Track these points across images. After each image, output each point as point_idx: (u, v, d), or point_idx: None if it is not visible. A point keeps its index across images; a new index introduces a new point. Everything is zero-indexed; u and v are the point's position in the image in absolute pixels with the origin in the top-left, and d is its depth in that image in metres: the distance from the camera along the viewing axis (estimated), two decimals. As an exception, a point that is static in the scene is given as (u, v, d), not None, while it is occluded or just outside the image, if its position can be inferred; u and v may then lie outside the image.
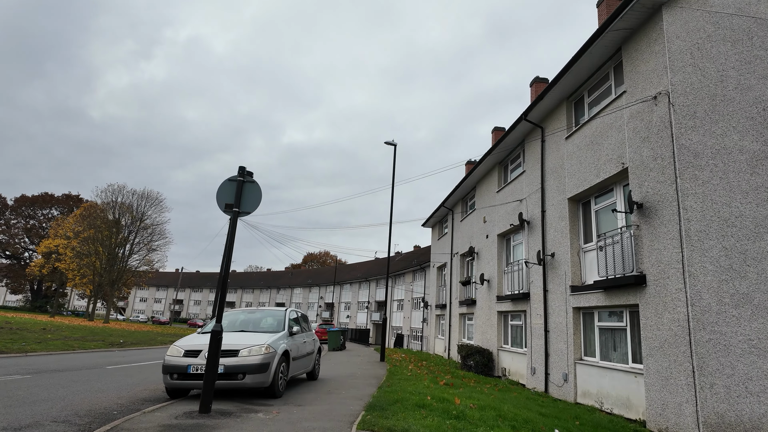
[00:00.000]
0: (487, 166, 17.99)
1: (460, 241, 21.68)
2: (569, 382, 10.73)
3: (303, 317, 10.06)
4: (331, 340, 23.73)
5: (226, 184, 6.56)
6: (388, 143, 18.42)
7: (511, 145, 15.85)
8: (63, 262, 40.52)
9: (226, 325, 8.31)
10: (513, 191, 15.41)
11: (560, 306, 11.47)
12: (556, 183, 12.29)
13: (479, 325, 17.71)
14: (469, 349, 16.23)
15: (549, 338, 11.91)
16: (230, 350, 6.87)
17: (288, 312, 8.82)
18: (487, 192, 18.15)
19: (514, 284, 14.35)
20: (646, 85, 8.89)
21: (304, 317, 10.15)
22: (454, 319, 21.74)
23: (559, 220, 11.96)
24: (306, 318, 10.32)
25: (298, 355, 8.48)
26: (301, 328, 9.23)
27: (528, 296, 13.38)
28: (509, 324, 15.31)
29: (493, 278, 16.55)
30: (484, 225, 18.09)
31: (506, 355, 15.07)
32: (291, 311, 9.13)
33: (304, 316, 10.19)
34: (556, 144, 12.57)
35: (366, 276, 57.98)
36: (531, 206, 13.78)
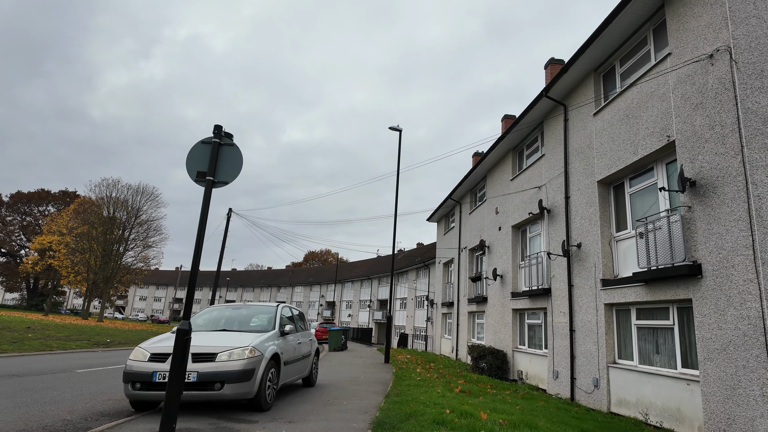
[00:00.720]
0: (500, 153, 16.70)
1: (469, 234, 20.38)
2: (601, 389, 9.44)
3: (299, 315, 8.81)
4: (332, 339, 22.48)
5: (198, 147, 5.28)
6: (393, 129, 17.15)
7: (528, 128, 14.55)
8: (56, 259, 39.38)
9: (204, 323, 7.05)
10: (530, 178, 14.11)
11: (589, 302, 10.18)
12: (583, 165, 10.99)
13: (491, 324, 16.42)
14: (481, 351, 14.95)
15: (575, 338, 10.63)
16: (205, 354, 5.61)
17: (280, 308, 7.55)
18: (500, 180, 16.85)
19: (531, 279, 13.06)
20: (699, 43, 7.60)
21: (300, 315, 8.89)
22: (462, 317, 20.45)
23: (586, 207, 10.67)
24: (302, 316, 9.06)
25: (292, 359, 7.22)
26: (296, 327, 7.97)
27: (549, 292, 12.10)
28: (525, 323, 14.02)
29: (507, 273, 15.27)
30: (497, 216, 16.79)
31: (523, 356, 13.79)
32: (284, 307, 7.87)
33: (300, 314, 8.93)
34: (581, 122, 11.28)
35: (368, 274, 56.72)
36: (552, 193, 12.49)
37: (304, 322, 9.04)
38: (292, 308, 8.44)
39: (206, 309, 7.59)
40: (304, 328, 8.83)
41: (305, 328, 8.88)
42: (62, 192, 62.58)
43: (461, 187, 21.07)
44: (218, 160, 5.18)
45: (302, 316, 8.99)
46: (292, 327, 7.38)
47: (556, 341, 11.48)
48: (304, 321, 9.00)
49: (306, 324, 9.10)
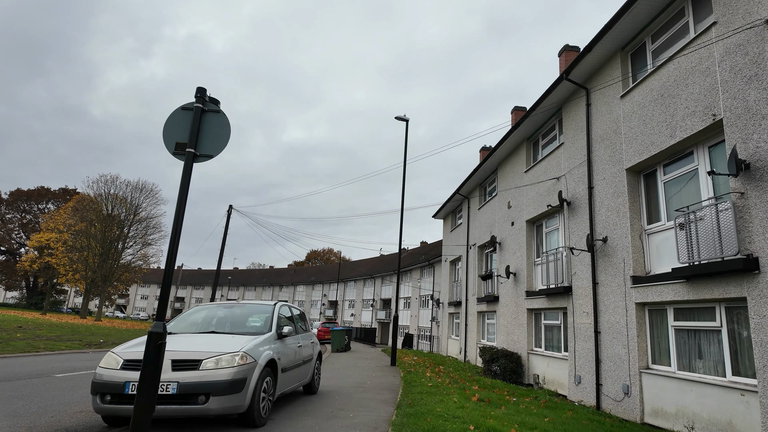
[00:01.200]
0: (513, 144, 15.80)
1: (478, 231, 19.49)
2: (632, 396, 8.55)
3: (300, 315, 7.95)
4: (335, 340, 21.63)
5: (177, 114, 4.43)
6: (399, 118, 16.28)
7: (544, 116, 13.65)
8: (54, 257, 38.66)
9: (191, 325, 6.20)
10: (547, 169, 13.21)
11: (617, 301, 9.30)
12: (609, 152, 10.10)
13: (503, 324, 15.54)
14: (494, 353, 14.06)
15: (601, 341, 9.74)
16: (188, 360, 4.76)
17: (278, 308, 6.70)
18: (513, 173, 15.96)
19: (549, 277, 12.17)
20: (751, 8, 6.70)
21: (301, 315, 8.03)
22: (471, 317, 19.57)
23: (613, 197, 9.78)
24: (303, 316, 8.20)
25: (291, 365, 6.36)
26: (296, 328, 7.12)
27: (569, 291, 11.21)
28: (542, 324, 13.13)
29: (521, 271, 14.38)
30: (509, 211, 15.90)
31: (539, 359, 12.90)
32: (282, 306, 7.02)
33: (301, 314, 8.07)
34: (606, 106, 10.38)
35: (371, 273, 55.85)
36: (573, 184, 11.60)
37: (305, 322, 8.18)
38: (292, 307, 7.59)
39: (194, 308, 6.74)
40: (305, 329, 7.97)
41: (306, 329, 8.02)
42: (62, 189, 61.93)
43: (470, 181, 20.18)
44: (201, 129, 4.33)
45: (303, 316, 8.14)
46: (292, 328, 6.52)
47: (578, 344, 10.59)
48: (305, 321, 8.14)
49: (307, 325, 8.24)
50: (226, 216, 34.28)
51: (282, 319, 6.60)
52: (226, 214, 34.20)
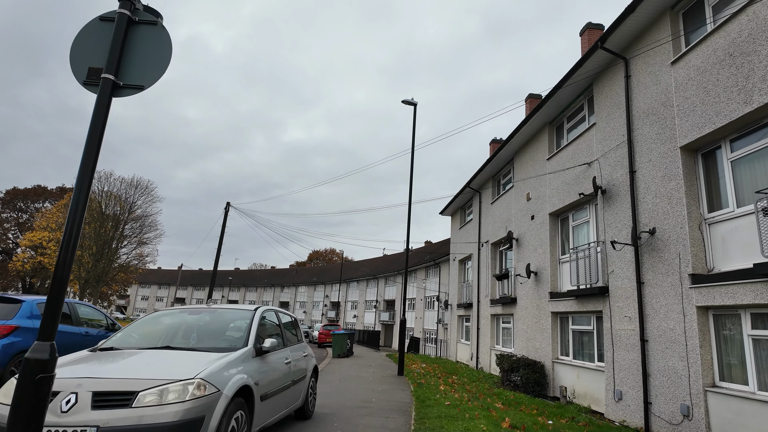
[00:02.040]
0: (532, 130, 14.29)
1: (492, 227, 17.99)
2: (695, 420, 7.04)
3: (291, 323, 6.47)
4: (336, 344, 20.16)
5: (94, 27, 2.96)
6: (407, 102, 14.80)
7: (570, 96, 12.15)
8: (47, 256, 37.38)
9: (142, 338, 4.73)
10: (575, 154, 11.71)
11: (670, 304, 7.79)
12: (656, 129, 8.59)
13: (523, 329, 14.03)
14: (514, 362, 12.56)
15: (649, 351, 8.23)
16: (117, 393, 3.31)
17: (259, 313, 5.20)
18: (532, 162, 14.45)
19: (579, 276, 10.66)
20: None
21: (292, 323, 6.54)
22: (483, 321, 18.06)
23: (663, 182, 8.27)
24: (295, 323, 6.72)
25: (276, 389, 4.89)
26: (283, 339, 5.65)
27: (605, 292, 9.70)
28: (569, 329, 11.62)
29: (544, 270, 12.87)
30: (528, 203, 14.40)
31: (567, 370, 11.39)
32: (266, 311, 5.54)
33: (293, 322, 6.58)
34: (652, 76, 8.87)
35: (374, 273, 54.37)
36: (608, 168, 10.09)
37: (298, 330, 6.70)
38: (280, 312, 6.10)
39: (151, 314, 5.27)
40: (298, 339, 6.50)
41: (299, 338, 6.55)
42: (59, 188, 60.64)
43: (481, 173, 18.68)
44: (127, 48, 2.86)
45: (295, 323, 6.66)
46: (277, 341, 5.05)
47: (619, 353, 9.08)
48: (297, 329, 6.66)
49: (300, 333, 6.77)
50: (224, 213, 32.94)
51: (265, 329, 5.14)
52: (224, 211, 32.87)
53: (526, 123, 13.94)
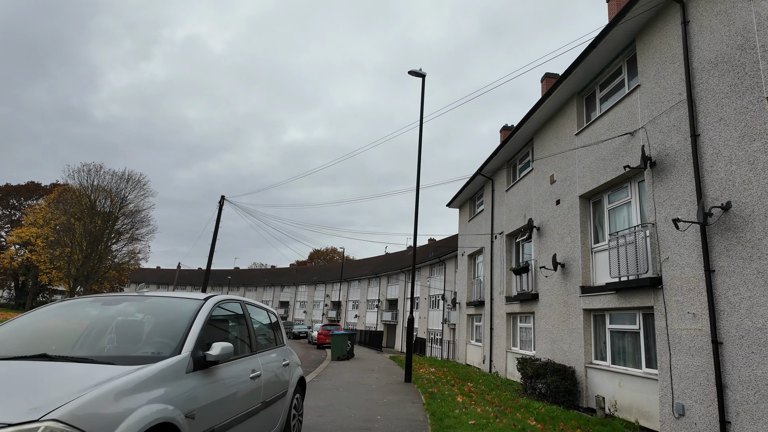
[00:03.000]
0: (556, 104, 12.61)
1: (507, 216, 16.31)
2: (799, 449, 5.35)
3: (272, 325, 4.80)
4: (335, 346, 18.48)
5: None
6: (414, 73, 13.13)
7: (604, 59, 10.47)
8: (35, 253, 35.83)
9: (17, 339, 3.05)
10: (612, 124, 10.03)
11: (757, 297, 6.10)
12: (729, 81, 6.91)
13: (546, 329, 12.34)
14: (538, 367, 10.88)
15: (724, 356, 6.55)
16: None
17: (209, 306, 3.51)
18: (557, 140, 12.77)
19: (620, 267, 8.97)
20: None
21: (270, 321, 4.85)
22: (498, 320, 16.37)
23: (741, 144, 6.59)
24: (275, 324, 5.01)
25: (230, 419, 3.18)
26: (251, 343, 3.97)
27: (658, 283, 8.02)
28: (606, 329, 9.93)
29: (573, 261, 11.19)
30: (552, 186, 12.71)
31: (604, 376, 9.70)
32: (223, 302, 3.78)
33: (270, 320, 4.89)
34: (722, 15, 7.18)
35: (376, 272, 52.68)
36: (659, 136, 8.40)
37: (278, 331, 5.03)
38: (250, 305, 4.39)
39: (49, 306, 3.59)
40: (276, 342, 4.82)
41: (278, 341, 4.88)
42: (53, 185, 59.23)
43: (494, 159, 17.00)
44: None
45: (275, 324, 4.98)
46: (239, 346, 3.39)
47: (678, 358, 7.40)
48: (276, 330, 4.99)
49: (281, 334, 5.10)
50: (218, 207, 31.36)
51: (217, 329, 3.45)
52: (218, 205, 31.30)
53: (549, 95, 12.26)
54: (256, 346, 3.99)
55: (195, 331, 3.05)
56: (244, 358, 3.65)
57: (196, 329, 3.07)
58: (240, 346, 3.63)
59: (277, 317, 5.11)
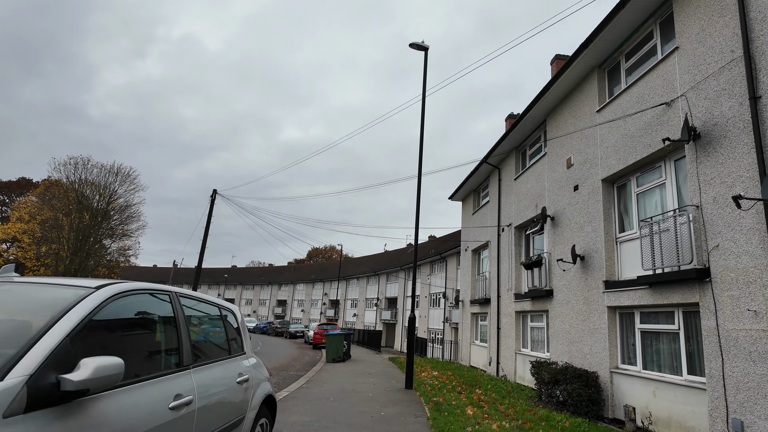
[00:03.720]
0: (572, 80, 11.37)
1: (516, 206, 15.08)
2: None
3: (227, 328, 3.55)
4: (330, 347, 17.22)
5: None
6: (416, 46, 11.89)
7: (631, 23, 9.23)
8: (21, 250, 34.58)
9: None
10: (642, 96, 8.80)
11: None
12: (802, 27, 5.67)
13: (563, 329, 11.11)
14: (556, 371, 9.66)
15: (801, 364, 5.31)
16: None
17: (89, 302, 2.15)
18: (574, 119, 11.53)
19: (655, 257, 7.75)
20: None
21: (229, 328, 3.59)
22: (506, 319, 15.14)
23: (822, 101, 5.35)
24: (237, 328, 3.75)
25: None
26: (181, 356, 2.71)
27: (705, 275, 6.79)
28: (636, 329, 8.70)
29: (595, 252, 9.96)
30: (569, 171, 11.48)
31: (634, 384, 8.47)
32: (125, 292, 2.42)
33: (230, 326, 3.63)
34: (790, -49, 5.94)
35: (375, 270, 51.44)
36: (705, 103, 7.16)
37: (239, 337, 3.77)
38: (185, 298, 3.01)
39: None
40: (231, 351, 3.55)
41: (232, 349, 3.62)
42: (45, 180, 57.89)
43: (502, 144, 15.76)
44: None
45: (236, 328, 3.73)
46: (122, 364, 2.08)
47: (735, 365, 6.17)
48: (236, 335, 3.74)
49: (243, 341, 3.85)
50: (210, 201, 30.14)
51: (105, 337, 2.16)
52: (209, 199, 30.09)
53: (566, 69, 11.01)
54: (189, 359, 2.75)
55: (50, 340, 1.81)
56: (160, 380, 2.43)
57: (53, 337, 1.82)
58: (155, 361, 2.41)
59: (236, 317, 3.87)
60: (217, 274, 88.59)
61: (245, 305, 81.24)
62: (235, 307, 3.94)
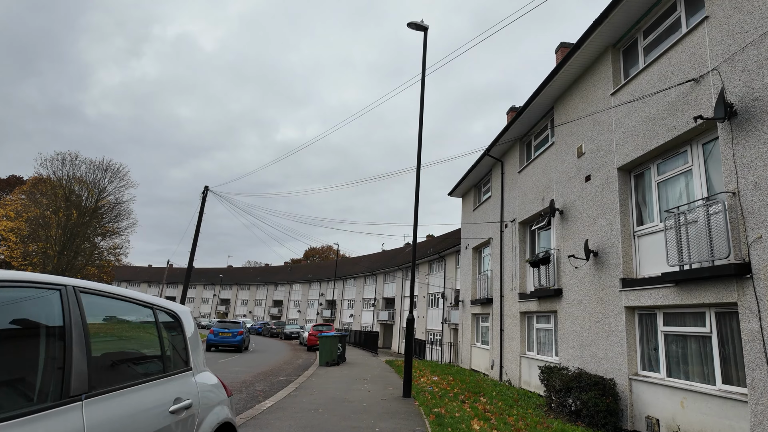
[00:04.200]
0: (583, 62, 10.53)
1: (520, 201, 14.23)
2: None
3: (161, 336, 2.65)
4: (324, 350, 16.32)
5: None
6: (414, 26, 11.02)
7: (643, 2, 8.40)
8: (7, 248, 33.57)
9: None
10: (664, 74, 7.96)
11: None
12: None
13: (574, 331, 10.27)
14: (569, 378, 8.80)
15: None
16: None
17: None
18: (585, 104, 10.69)
19: (682, 252, 6.92)
20: None
21: (165, 336, 2.69)
22: (509, 320, 14.29)
23: None
24: (182, 336, 2.87)
25: None
26: (65, 381, 1.82)
27: (746, 271, 5.95)
28: (658, 331, 7.85)
29: (611, 248, 9.11)
30: (579, 161, 10.64)
31: (657, 393, 7.62)
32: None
33: (168, 332, 2.74)
34: None
35: (372, 269, 50.55)
36: (742, 76, 6.32)
37: (187, 347, 2.90)
38: (89, 293, 2.07)
39: None
40: (168, 367, 2.65)
41: (179, 365, 2.76)
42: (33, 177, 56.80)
43: (506, 135, 14.92)
44: None
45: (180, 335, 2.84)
46: None
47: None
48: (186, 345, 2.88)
49: (190, 352, 2.97)
50: (201, 198, 29.25)
51: None
52: (201, 195, 29.20)
53: (577, 50, 10.16)
54: (83, 385, 1.86)
55: None
56: (21, 423, 1.57)
57: None
58: (19, 392, 1.55)
59: (182, 321, 2.99)
60: (213, 274, 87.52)
61: (241, 305, 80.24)
62: (182, 307, 3.08)
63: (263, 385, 11.05)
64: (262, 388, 10.50)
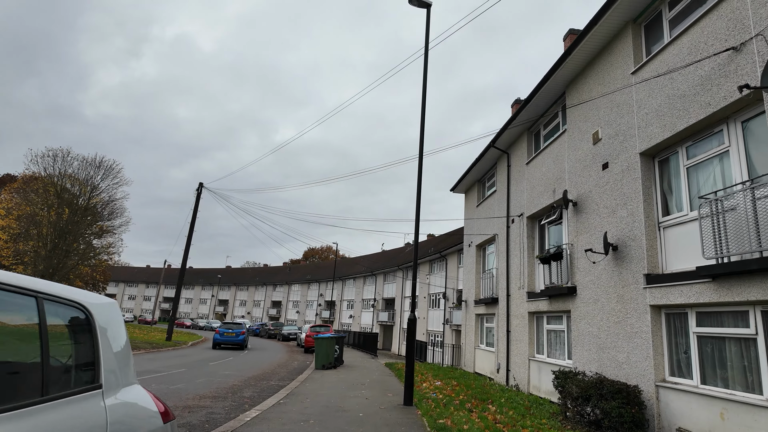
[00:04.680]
0: (602, 38, 9.69)
1: (528, 194, 13.39)
2: None
3: (13, 327, 1.83)
4: (320, 352, 15.45)
5: None
6: (415, 2, 10.20)
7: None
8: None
9: None
10: (696, 46, 7.13)
11: None
12: None
13: (591, 333, 9.42)
14: (588, 385, 7.94)
15: None
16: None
17: None
18: (601, 86, 9.85)
19: (720, 243, 6.08)
20: None
21: (31, 324, 1.83)
22: (517, 321, 13.44)
23: None
24: (97, 345, 2.07)
25: None
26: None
27: (803, 264, 5.10)
28: (690, 333, 7.01)
29: (633, 241, 8.26)
30: (595, 147, 9.81)
31: (690, 402, 6.77)
32: None
33: (36, 323, 1.83)
34: None
35: (371, 270, 49.68)
36: (797, 37, 5.48)
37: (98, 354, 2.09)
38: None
39: None
40: (43, 386, 1.79)
41: (71, 381, 1.94)
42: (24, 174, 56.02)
43: (512, 125, 14.08)
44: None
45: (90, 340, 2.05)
46: None
47: None
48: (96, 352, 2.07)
49: (101, 357, 2.17)
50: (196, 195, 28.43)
51: None
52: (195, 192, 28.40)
53: (592, 27, 9.33)
54: None
55: None
56: None
57: None
58: None
59: (93, 318, 2.16)
60: (211, 274, 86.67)
61: (239, 306, 79.37)
62: (98, 299, 2.26)
63: (252, 391, 10.20)
64: (250, 395, 9.65)
